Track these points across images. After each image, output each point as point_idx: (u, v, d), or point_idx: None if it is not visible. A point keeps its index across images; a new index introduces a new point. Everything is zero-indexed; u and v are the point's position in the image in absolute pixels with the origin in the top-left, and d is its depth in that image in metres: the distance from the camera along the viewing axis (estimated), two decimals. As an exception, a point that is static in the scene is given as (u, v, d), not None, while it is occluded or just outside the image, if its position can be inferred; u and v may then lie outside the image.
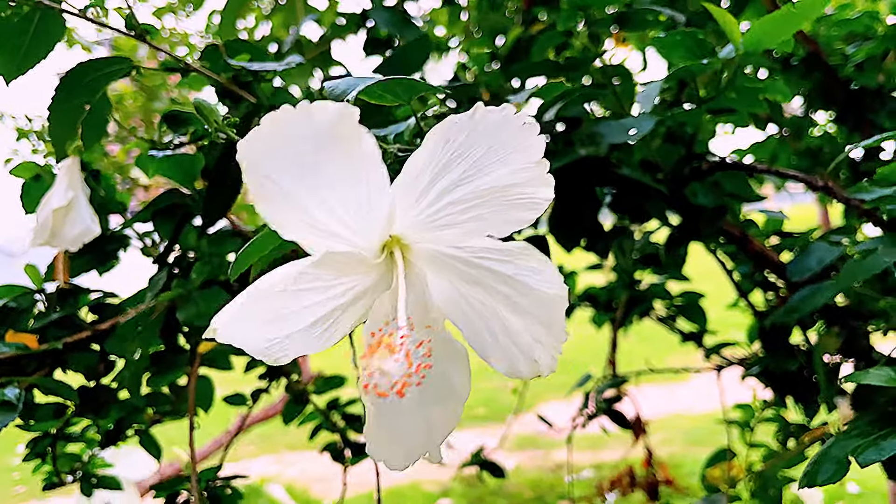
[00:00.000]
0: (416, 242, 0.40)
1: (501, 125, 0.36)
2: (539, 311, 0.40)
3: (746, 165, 0.96)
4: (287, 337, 0.38)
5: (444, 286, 0.41)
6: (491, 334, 0.41)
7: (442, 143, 0.37)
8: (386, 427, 0.42)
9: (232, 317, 0.37)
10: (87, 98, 0.64)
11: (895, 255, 0.67)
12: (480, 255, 0.40)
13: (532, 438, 3.65)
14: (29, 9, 0.59)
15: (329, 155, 0.36)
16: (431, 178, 0.37)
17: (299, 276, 0.38)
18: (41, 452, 0.85)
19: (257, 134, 0.35)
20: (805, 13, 0.66)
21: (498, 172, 0.37)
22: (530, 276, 0.40)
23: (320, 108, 0.35)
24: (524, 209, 0.38)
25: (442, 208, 0.38)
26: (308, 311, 0.38)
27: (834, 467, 0.51)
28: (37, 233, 0.71)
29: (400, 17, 1.09)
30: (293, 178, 0.36)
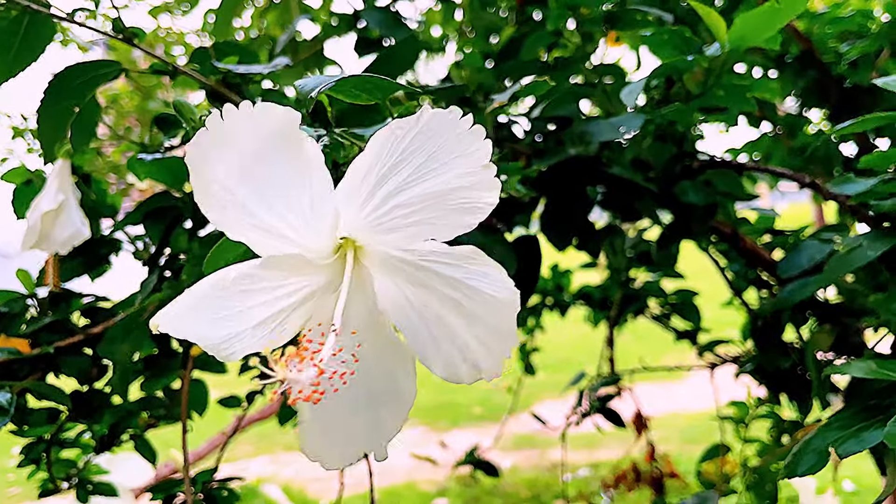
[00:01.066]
0: (367, 245, 0.40)
1: (447, 129, 0.36)
2: (488, 316, 0.40)
3: (736, 164, 0.97)
4: (235, 335, 0.38)
5: (391, 288, 0.41)
6: (432, 338, 0.41)
7: (387, 145, 0.37)
8: (322, 428, 0.42)
9: (176, 314, 0.37)
10: (76, 101, 0.64)
11: (879, 248, 0.68)
12: (428, 259, 0.39)
13: (528, 438, 3.65)
14: (18, 12, 0.59)
15: (272, 158, 0.36)
16: (377, 181, 0.37)
17: (245, 277, 0.38)
18: (36, 458, 0.85)
19: (202, 136, 0.35)
20: (789, 9, 0.66)
21: (443, 177, 0.37)
22: (479, 280, 0.39)
23: (263, 111, 0.35)
24: (467, 213, 0.38)
25: (387, 212, 0.38)
26: (255, 311, 0.39)
27: (815, 458, 0.51)
28: (27, 236, 0.71)
29: (391, 17, 1.09)
30: (237, 180, 0.36)
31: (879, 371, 0.53)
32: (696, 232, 0.96)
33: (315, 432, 0.42)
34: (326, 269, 0.40)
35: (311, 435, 0.42)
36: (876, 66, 1.37)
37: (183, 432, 0.76)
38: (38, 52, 0.64)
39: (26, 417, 0.78)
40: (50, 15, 0.61)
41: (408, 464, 3.27)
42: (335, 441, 0.42)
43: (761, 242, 1.10)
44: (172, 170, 0.68)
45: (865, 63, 1.36)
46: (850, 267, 0.68)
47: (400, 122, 0.36)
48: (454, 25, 1.52)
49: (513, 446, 3.55)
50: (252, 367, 0.98)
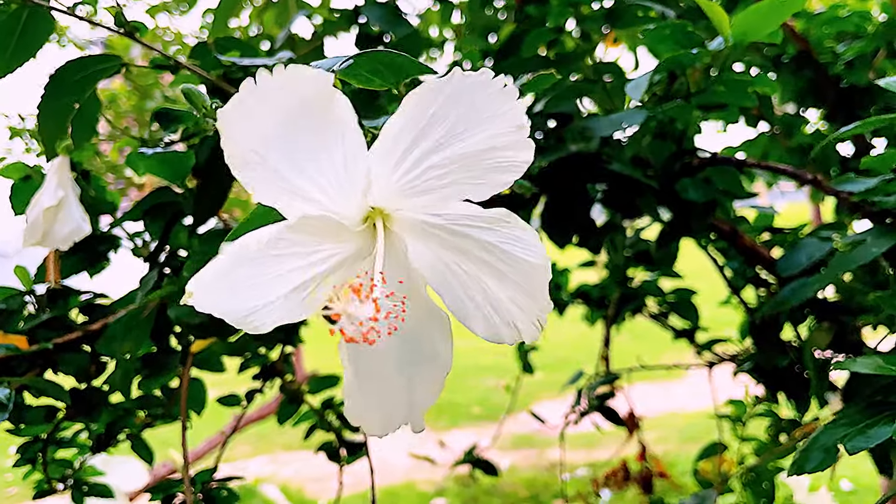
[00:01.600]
0: (396, 210, 0.40)
1: (479, 89, 0.36)
2: (521, 280, 0.40)
3: (736, 161, 0.97)
4: (267, 304, 0.37)
5: (425, 253, 0.41)
6: (471, 300, 0.41)
7: (419, 107, 0.36)
8: (364, 389, 0.42)
9: (208, 282, 0.36)
10: (76, 96, 0.63)
11: (884, 245, 0.68)
12: (462, 223, 0.39)
13: (527, 437, 3.65)
14: (17, 6, 0.59)
15: (305, 120, 0.36)
16: (409, 143, 0.37)
17: (275, 241, 0.37)
18: (32, 458, 0.84)
19: (235, 102, 0.35)
20: (790, 4, 0.66)
21: (477, 136, 0.37)
22: (513, 244, 0.39)
23: (295, 73, 0.35)
24: (503, 172, 0.38)
25: (420, 174, 0.38)
26: (287, 278, 0.38)
27: (822, 455, 0.52)
28: (28, 233, 0.71)
29: (391, 12, 1.09)
30: (270, 144, 0.36)
31: (885, 367, 0.53)
32: (695, 229, 0.96)
33: (358, 394, 0.42)
34: (357, 235, 0.40)
35: (354, 398, 0.42)
36: (873, 67, 1.38)
37: (182, 431, 0.76)
38: (37, 47, 0.63)
39: (23, 415, 0.77)
40: (49, 9, 0.61)
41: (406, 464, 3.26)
42: (376, 404, 0.42)
43: (760, 240, 1.10)
44: (173, 164, 0.68)
45: (862, 63, 1.37)
46: (854, 264, 0.68)
47: (432, 82, 0.36)
48: (452, 26, 1.52)
49: (511, 446, 3.55)
50: (251, 367, 0.98)
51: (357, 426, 0.42)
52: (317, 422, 1.01)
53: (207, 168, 0.68)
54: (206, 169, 0.69)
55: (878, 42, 1.33)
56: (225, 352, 0.90)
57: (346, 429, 1.02)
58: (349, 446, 1.01)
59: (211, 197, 0.70)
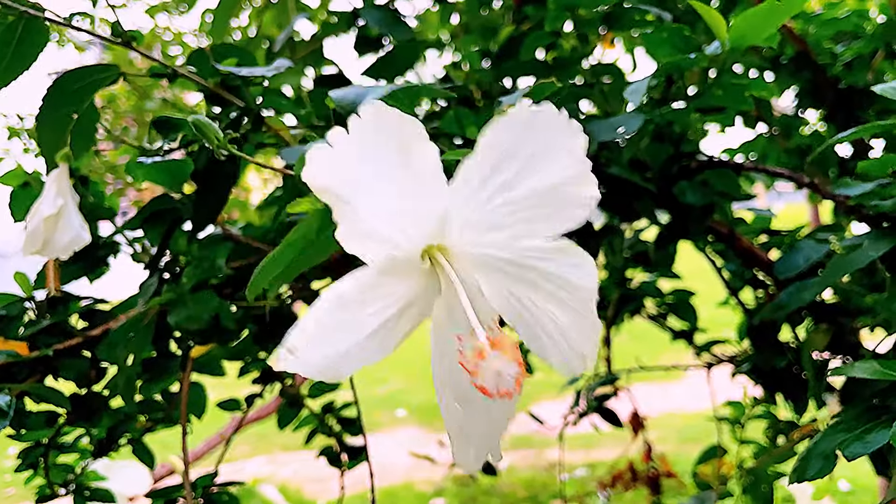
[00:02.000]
0: (461, 247, 0.40)
1: (547, 124, 0.36)
2: (580, 306, 0.40)
3: (734, 164, 0.97)
4: (347, 352, 0.37)
5: (495, 287, 0.41)
6: (545, 332, 0.41)
7: (490, 146, 0.36)
8: (466, 435, 0.42)
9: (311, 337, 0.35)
10: (74, 107, 0.63)
11: (881, 249, 0.68)
12: (525, 254, 0.40)
13: (526, 438, 3.66)
14: (14, 18, 0.59)
15: (395, 165, 0.36)
16: (481, 181, 0.37)
17: (365, 286, 0.37)
18: (33, 463, 0.85)
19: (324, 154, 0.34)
20: (788, 7, 0.67)
21: (547, 172, 0.37)
22: (572, 271, 0.40)
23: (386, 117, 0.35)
24: (574, 208, 0.38)
25: (494, 210, 0.38)
26: (367, 322, 0.38)
27: (822, 462, 0.52)
28: (28, 242, 0.71)
29: (391, 15, 1.09)
30: (361, 193, 0.35)
31: (883, 371, 0.54)
32: (693, 232, 0.96)
33: (461, 440, 0.42)
34: (424, 272, 0.40)
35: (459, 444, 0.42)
36: (871, 67, 1.38)
37: (183, 435, 0.76)
38: (32, 59, 0.63)
39: (24, 421, 0.78)
40: (46, 20, 0.61)
41: (405, 464, 3.27)
42: (471, 444, 0.43)
43: (758, 242, 1.11)
44: (171, 172, 0.68)
45: (861, 64, 1.37)
46: (852, 268, 0.68)
47: (501, 119, 0.36)
48: (450, 28, 1.52)
49: (510, 446, 3.56)
50: (251, 371, 0.98)
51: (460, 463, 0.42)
52: (317, 426, 1.01)
53: (206, 174, 0.69)
54: (204, 175, 0.69)
55: (876, 43, 1.33)
56: (225, 356, 0.90)
57: (346, 433, 1.02)
58: (350, 451, 1.01)
59: (210, 203, 0.70)
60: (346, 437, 1.02)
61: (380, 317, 0.38)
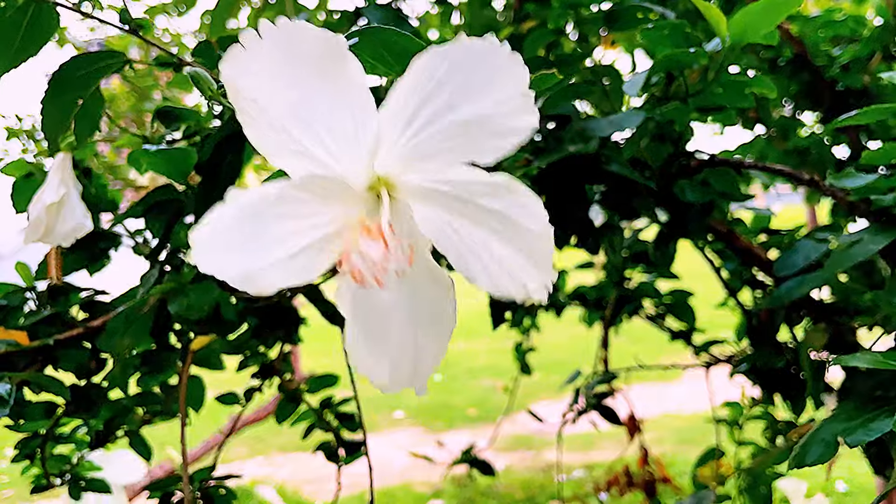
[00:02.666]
0: (400, 175, 0.40)
1: (485, 54, 0.36)
2: (526, 247, 0.40)
3: (734, 162, 0.97)
4: (270, 265, 0.37)
5: (431, 218, 0.41)
6: (478, 260, 0.40)
7: (425, 72, 0.36)
8: (369, 340, 0.42)
9: (209, 238, 0.35)
10: (79, 93, 0.64)
11: (881, 242, 0.68)
12: (466, 189, 0.39)
13: (523, 438, 3.66)
14: (23, 2, 0.59)
15: (316, 78, 0.35)
16: (415, 107, 0.37)
17: (280, 198, 0.37)
18: (30, 453, 0.84)
19: (239, 53, 0.34)
20: (787, 4, 0.67)
21: (482, 102, 0.37)
22: (517, 210, 0.39)
23: (305, 29, 0.34)
24: (509, 135, 0.37)
25: (426, 138, 0.38)
26: (291, 239, 0.37)
27: (822, 449, 0.52)
28: (30, 229, 0.71)
29: (393, 14, 1.09)
30: (278, 101, 0.35)
31: (884, 361, 0.54)
32: (693, 230, 0.97)
33: (364, 348, 0.42)
34: (363, 201, 0.40)
35: (359, 349, 0.42)
36: (868, 70, 1.39)
37: (182, 427, 0.76)
38: (42, 43, 0.64)
39: (23, 411, 0.78)
40: (55, 4, 0.61)
41: (402, 465, 3.27)
42: (382, 358, 0.42)
43: (756, 242, 1.11)
44: (176, 162, 0.68)
45: (857, 66, 1.38)
46: (852, 261, 0.68)
47: (437, 49, 0.36)
48: (451, 28, 1.53)
49: (507, 447, 3.55)
50: (249, 365, 0.98)
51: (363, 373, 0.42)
52: (315, 421, 1.01)
53: (210, 166, 0.69)
54: (208, 167, 0.69)
55: (873, 45, 1.34)
56: (224, 350, 0.90)
57: (344, 428, 1.02)
58: (348, 446, 1.01)
59: (213, 195, 0.70)
60: (344, 433, 1.02)
61: (306, 237, 0.38)
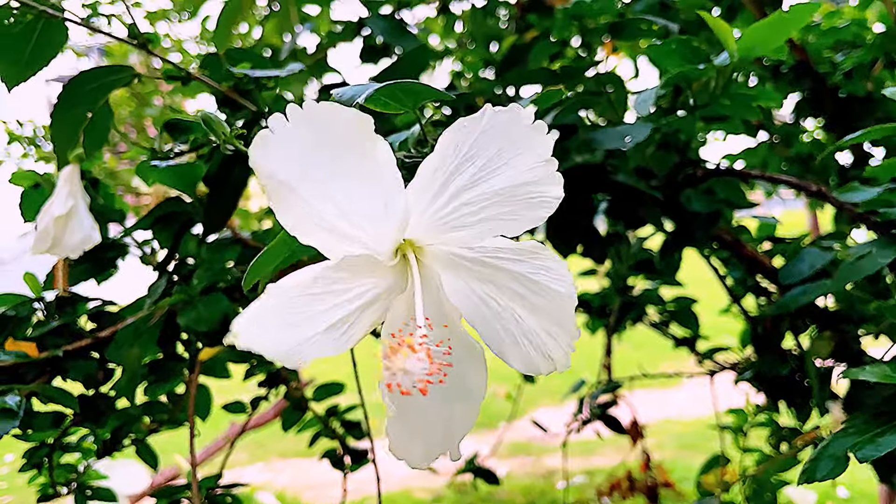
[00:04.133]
0: (428, 245, 0.41)
1: (510, 125, 0.37)
2: (552, 309, 0.41)
3: (740, 172, 0.98)
4: (306, 340, 0.38)
5: (459, 286, 0.41)
6: (507, 332, 0.41)
7: (453, 146, 0.37)
8: (406, 426, 0.42)
9: (251, 322, 0.36)
10: (88, 107, 0.64)
11: (889, 256, 0.69)
12: (493, 255, 0.40)
13: (524, 445, 3.65)
14: (33, 17, 0.59)
15: (345, 160, 0.36)
16: (444, 180, 0.38)
17: (317, 280, 0.38)
18: (38, 462, 0.84)
19: (268, 139, 0.35)
20: (796, 19, 0.67)
21: (508, 173, 0.38)
22: (543, 274, 0.40)
23: (333, 113, 0.35)
24: (536, 208, 0.39)
25: (454, 209, 0.38)
26: (326, 315, 0.38)
27: (832, 464, 0.52)
28: (38, 241, 0.71)
29: (396, 25, 1.10)
30: (309, 183, 0.36)
31: (892, 375, 0.54)
32: (699, 239, 0.97)
33: (401, 430, 0.42)
34: (391, 270, 0.40)
35: (398, 433, 0.42)
36: (871, 77, 1.39)
37: (191, 436, 0.76)
38: (51, 56, 0.64)
39: (31, 421, 0.78)
40: (64, 19, 0.62)
41: (403, 471, 3.26)
42: (418, 439, 0.43)
43: (761, 250, 1.11)
44: (184, 175, 0.68)
45: (860, 73, 1.38)
46: (861, 275, 0.68)
47: (464, 120, 0.37)
48: (455, 36, 1.53)
49: (508, 453, 3.55)
50: (256, 374, 0.98)
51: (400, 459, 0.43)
52: (321, 429, 1.01)
53: (218, 178, 0.69)
54: (216, 179, 0.69)
55: (875, 52, 1.34)
56: (231, 359, 0.90)
57: (349, 436, 1.02)
58: (353, 453, 1.01)
59: (221, 207, 0.70)
60: (349, 440, 1.02)
61: (340, 311, 0.39)
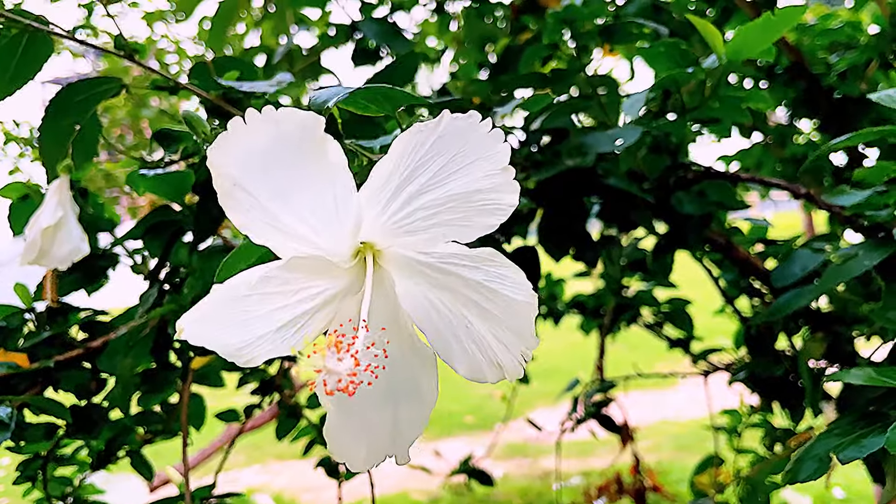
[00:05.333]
0: (386, 247, 0.41)
1: (467, 132, 0.37)
2: (507, 317, 0.40)
3: (731, 174, 0.98)
4: (257, 339, 0.38)
5: (413, 290, 0.41)
6: (455, 339, 0.41)
7: (409, 149, 0.37)
8: (346, 427, 0.42)
9: (199, 318, 0.37)
10: (77, 118, 0.64)
11: (875, 258, 0.69)
12: (449, 261, 0.40)
13: (520, 446, 3.65)
14: (18, 31, 0.59)
15: (297, 162, 0.36)
16: (399, 184, 0.38)
17: (265, 280, 0.38)
18: (32, 475, 0.84)
19: (225, 140, 0.35)
20: (784, 21, 0.68)
21: (463, 179, 0.37)
22: (499, 282, 0.40)
23: (287, 116, 0.36)
24: (489, 215, 0.38)
25: (408, 214, 0.38)
26: (277, 314, 0.38)
27: (816, 465, 0.52)
28: (26, 252, 0.71)
29: (389, 28, 1.10)
30: (261, 184, 0.36)
31: (878, 378, 0.54)
32: (691, 241, 0.97)
33: (341, 433, 0.42)
34: (347, 272, 0.41)
35: (337, 436, 0.42)
36: (865, 77, 1.39)
37: (183, 446, 0.76)
38: (36, 70, 0.63)
39: (23, 433, 0.77)
40: (49, 33, 0.61)
41: (399, 474, 3.26)
42: (360, 442, 0.43)
43: (754, 252, 1.11)
44: (173, 184, 0.68)
45: (854, 74, 1.38)
46: (847, 276, 0.69)
47: (421, 126, 0.37)
48: (449, 38, 1.53)
49: (504, 455, 3.55)
50: (249, 382, 0.98)
51: (340, 461, 0.42)
52: (316, 436, 1.01)
53: (207, 186, 0.69)
54: (206, 187, 0.69)
55: (869, 53, 1.34)
56: (224, 367, 0.90)
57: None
58: (347, 460, 1.01)
59: (211, 215, 0.70)
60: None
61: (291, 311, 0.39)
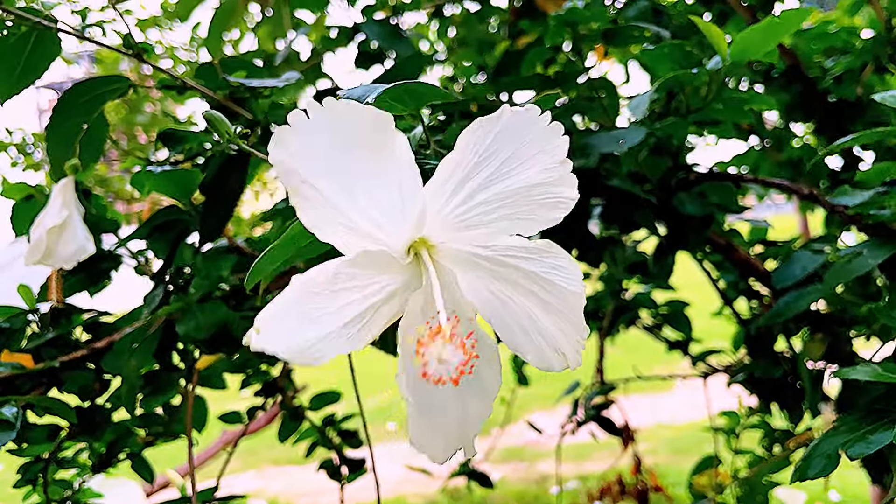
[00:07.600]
0: (441, 242, 0.41)
1: (528, 126, 0.37)
2: (563, 308, 0.41)
3: (733, 176, 0.98)
4: (324, 337, 0.37)
5: (473, 282, 0.41)
6: (521, 329, 0.41)
7: (470, 145, 0.37)
8: (428, 420, 0.42)
9: (273, 316, 0.36)
10: (84, 118, 0.64)
11: (880, 257, 0.70)
12: (507, 254, 0.40)
13: (517, 450, 3.65)
14: (27, 29, 0.59)
15: (365, 157, 0.36)
16: (461, 179, 0.38)
17: (336, 276, 0.38)
18: (32, 478, 0.83)
19: (288, 135, 0.35)
20: (788, 24, 0.68)
21: (525, 173, 0.38)
22: (555, 273, 0.41)
23: (354, 110, 0.35)
24: (552, 208, 0.39)
25: (471, 208, 0.39)
26: (343, 311, 0.38)
27: (824, 462, 0.53)
28: (31, 252, 0.71)
29: (391, 30, 1.10)
30: (329, 179, 0.36)
31: (883, 374, 0.55)
32: (692, 242, 0.97)
33: (422, 426, 0.42)
34: (406, 267, 0.40)
35: (419, 429, 0.42)
36: (860, 81, 1.40)
37: (189, 448, 0.76)
38: (43, 69, 0.64)
39: (26, 434, 0.77)
40: (57, 31, 0.61)
41: (396, 477, 3.25)
42: (439, 434, 0.43)
43: (753, 253, 1.12)
44: (180, 182, 0.68)
45: (850, 78, 1.39)
46: (851, 275, 0.69)
47: (482, 120, 0.37)
48: (448, 41, 1.54)
49: (502, 459, 3.54)
50: (252, 384, 0.98)
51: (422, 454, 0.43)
52: (318, 439, 1.00)
53: (214, 186, 0.69)
54: (212, 187, 0.69)
55: (865, 57, 1.35)
56: (227, 369, 0.90)
57: (346, 445, 1.02)
58: (350, 463, 1.01)
59: (217, 215, 0.70)
60: (346, 450, 1.02)
61: (357, 307, 0.39)
